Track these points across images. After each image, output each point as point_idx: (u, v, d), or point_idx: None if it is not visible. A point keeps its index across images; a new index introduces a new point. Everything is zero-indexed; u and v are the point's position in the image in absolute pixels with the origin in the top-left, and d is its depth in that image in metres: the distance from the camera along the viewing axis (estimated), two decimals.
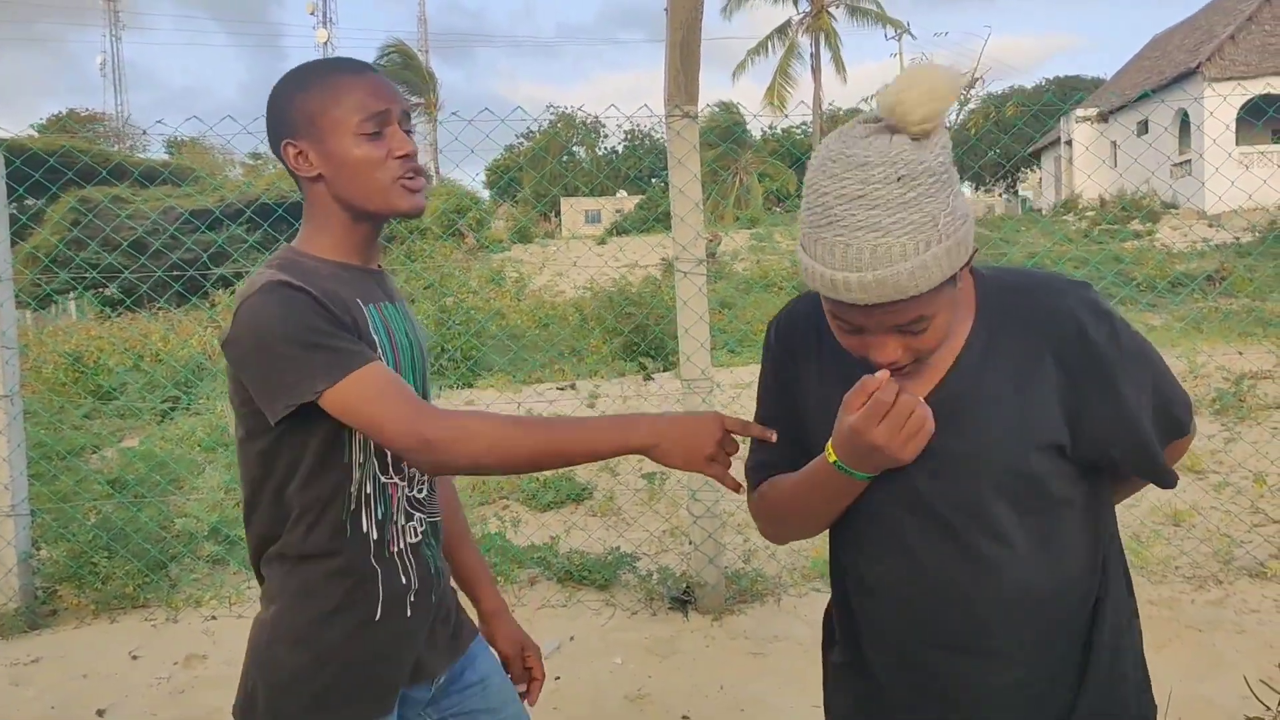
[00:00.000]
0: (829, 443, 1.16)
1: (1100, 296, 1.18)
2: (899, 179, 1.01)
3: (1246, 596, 3.81)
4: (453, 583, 1.58)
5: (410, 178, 1.34)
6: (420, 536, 1.42)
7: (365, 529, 1.33)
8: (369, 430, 1.23)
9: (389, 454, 1.34)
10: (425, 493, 1.44)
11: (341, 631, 1.32)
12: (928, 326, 1.08)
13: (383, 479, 1.35)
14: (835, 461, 1.15)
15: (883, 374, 1.09)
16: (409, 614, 1.37)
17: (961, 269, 1.09)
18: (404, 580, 1.37)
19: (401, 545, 1.38)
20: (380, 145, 1.32)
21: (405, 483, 1.39)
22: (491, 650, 1.61)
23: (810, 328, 1.26)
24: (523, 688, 1.64)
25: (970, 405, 1.15)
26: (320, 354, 1.21)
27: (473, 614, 1.65)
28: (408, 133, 1.36)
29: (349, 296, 1.31)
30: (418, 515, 1.42)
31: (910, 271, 1.02)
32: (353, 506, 1.32)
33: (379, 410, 1.20)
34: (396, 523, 1.37)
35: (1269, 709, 2.65)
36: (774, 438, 1.20)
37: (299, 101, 1.33)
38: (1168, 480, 1.24)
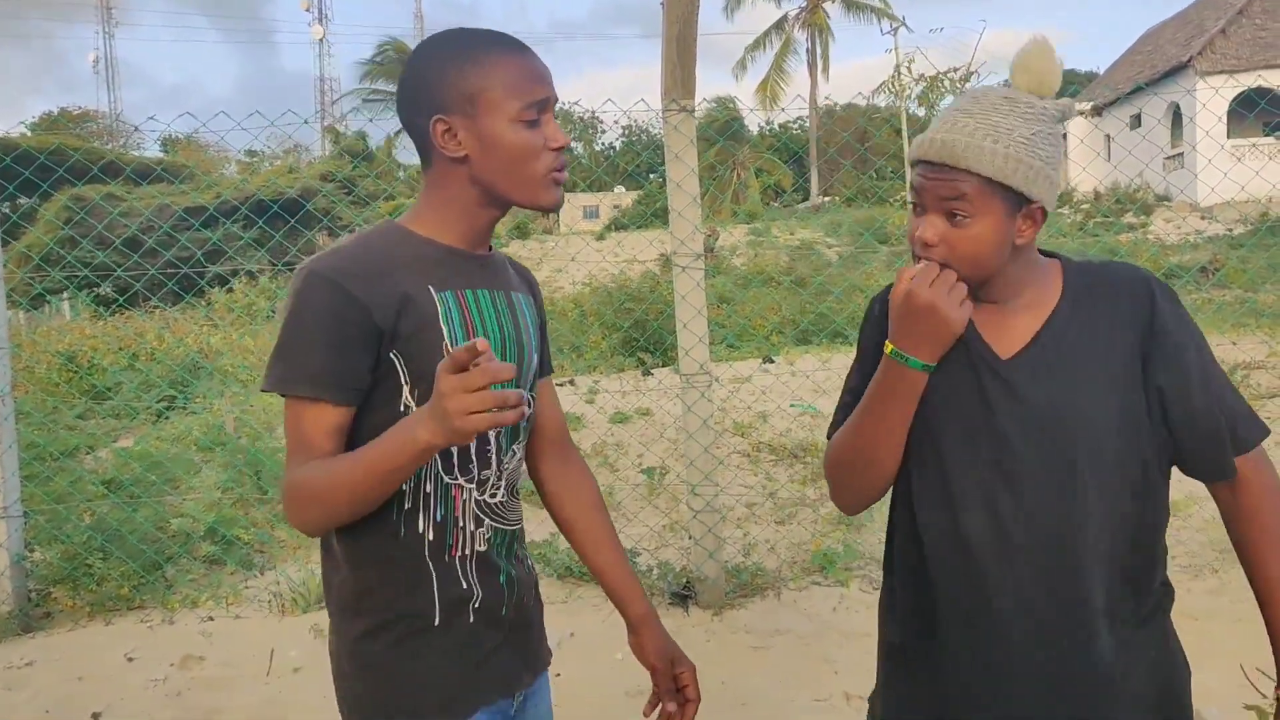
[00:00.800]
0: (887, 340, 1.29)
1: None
2: (1006, 99, 1.25)
3: (1243, 585, 3.79)
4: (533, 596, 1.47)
5: (559, 171, 1.27)
6: (488, 545, 1.32)
7: (421, 529, 1.26)
8: None
9: (455, 453, 1.27)
10: (502, 498, 1.34)
11: (393, 641, 1.26)
12: (967, 218, 1.22)
13: (446, 479, 1.27)
14: (892, 350, 1.27)
15: (920, 265, 1.25)
16: (471, 621, 1.30)
17: (1023, 208, 1.24)
18: (464, 586, 1.29)
19: (466, 551, 1.29)
20: (537, 134, 1.24)
21: (474, 486, 1.30)
22: (549, 690, 1.49)
23: None
24: (672, 707, 1.49)
25: (1061, 358, 1.27)
26: (292, 360, 1.19)
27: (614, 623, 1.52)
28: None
29: (416, 281, 1.24)
30: (487, 522, 1.32)
31: (968, 146, 1.21)
32: (408, 506, 1.25)
33: (287, 456, 1.22)
34: (462, 527, 1.29)
35: (1265, 696, 2.65)
36: (482, 345, 1.06)
37: (455, 75, 1.23)
38: (1238, 447, 1.29)
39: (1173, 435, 1.28)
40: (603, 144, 41.25)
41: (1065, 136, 31.09)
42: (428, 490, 1.26)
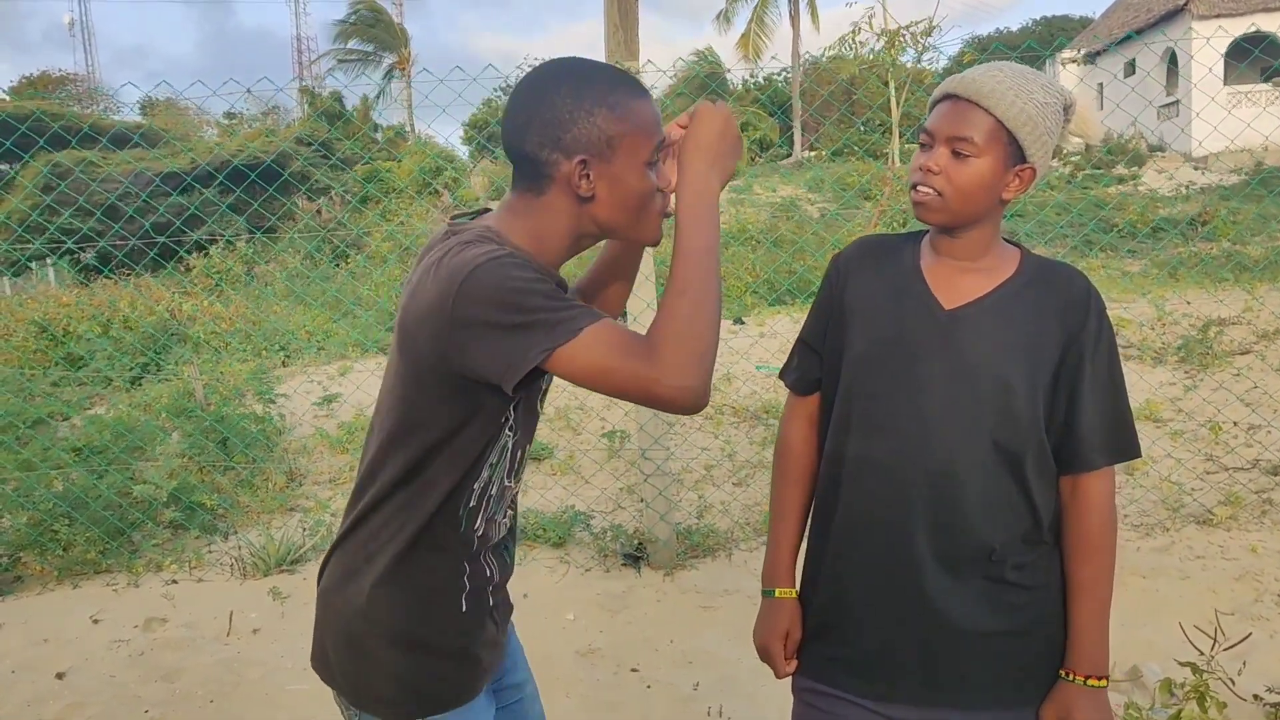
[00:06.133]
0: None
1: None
2: (1033, 71, 1.38)
3: (1192, 543, 3.87)
4: None
5: (665, 207, 1.32)
6: (507, 530, 1.43)
7: (476, 526, 1.34)
8: (614, 388, 1.14)
9: (515, 459, 1.35)
10: (519, 490, 1.46)
11: (435, 626, 1.33)
12: (971, 157, 1.35)
13: (506, 482, 1.36)
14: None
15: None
16: (491, 603, 1.39)
17: (1017, 165, 1.37)
18: (488, 573, 1.38)
19: (495, 540, 1.40)
20: (653, 176, 1.28)
21: (515, 483, 1.40)
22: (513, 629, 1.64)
23: (865, 255, 1.54)
24: None
25: (998, 320, 1.41)
26: (555, 316, 1.13)
27: None
28: None
29: None
30: (509, 512, 1.43)
31: (993, 90, 1.34)
32: (472, 504, 1.32)
33: (622, 370, 1.12)
34: (496, 519, 1.38)
35: (1202, 653, 2.73)
36: None
37: (601, 119, 1.22)
38: (1125, 448, 1.43)
39: (1063, 425, 1.41)
40: None
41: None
42: (493, 493, 1.34)
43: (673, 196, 1.29)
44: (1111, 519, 1.43)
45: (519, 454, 1.36)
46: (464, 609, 1.35)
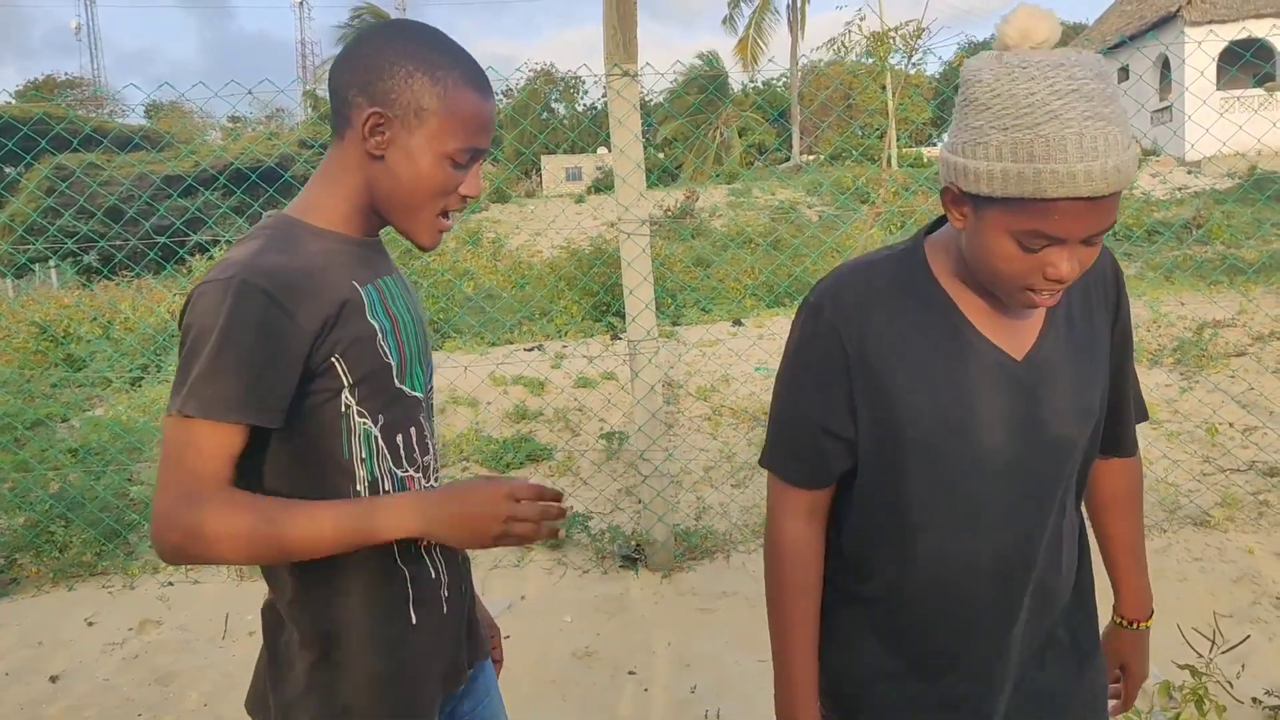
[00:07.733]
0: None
1: None
2: (1097, 75, 0.98)
3: (1190, 545, 3.86)
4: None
5: (445, 217, 1.24)
6: None
7: None
8: (158, 477, 1.12)
9: (401, 444, 1.25)
10: (441, 479, 1.37)
11: (375, 644, 1.22)
12: (1101, 238, 1.06)
13: (399, 473, 1.25)
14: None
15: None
16: (445, 610, 1.30)
17: None
18: (433, 575, 1.28)
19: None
20: (455, 177, 1.21)
21: (421, 474, 1.29)
22: (493, 672, 1.52)
23: (867, 296, 1.19)
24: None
25: (1069, 353, 1.19)
26: (220, 382, 1.08)
27: None
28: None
29: (344, 280, 1.19)
30: None
31: (1131, 160, 0.99)
32: None
33: (160, 476, 1.10)
34: None
35: (1201, 656, 2.72)
36: (563, 500, 1.16)
37: (418, 85, 1.17)
38: (1141, 413, 1.35)
39: (1112, 406, 1.29)
40: (585, 104, 40.67)
41: None
42: (387, 488, 1.23)
43: (452, 210, 1.24)
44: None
45: (401, 439, 1.24)
46: (414, 620, 1.24)
